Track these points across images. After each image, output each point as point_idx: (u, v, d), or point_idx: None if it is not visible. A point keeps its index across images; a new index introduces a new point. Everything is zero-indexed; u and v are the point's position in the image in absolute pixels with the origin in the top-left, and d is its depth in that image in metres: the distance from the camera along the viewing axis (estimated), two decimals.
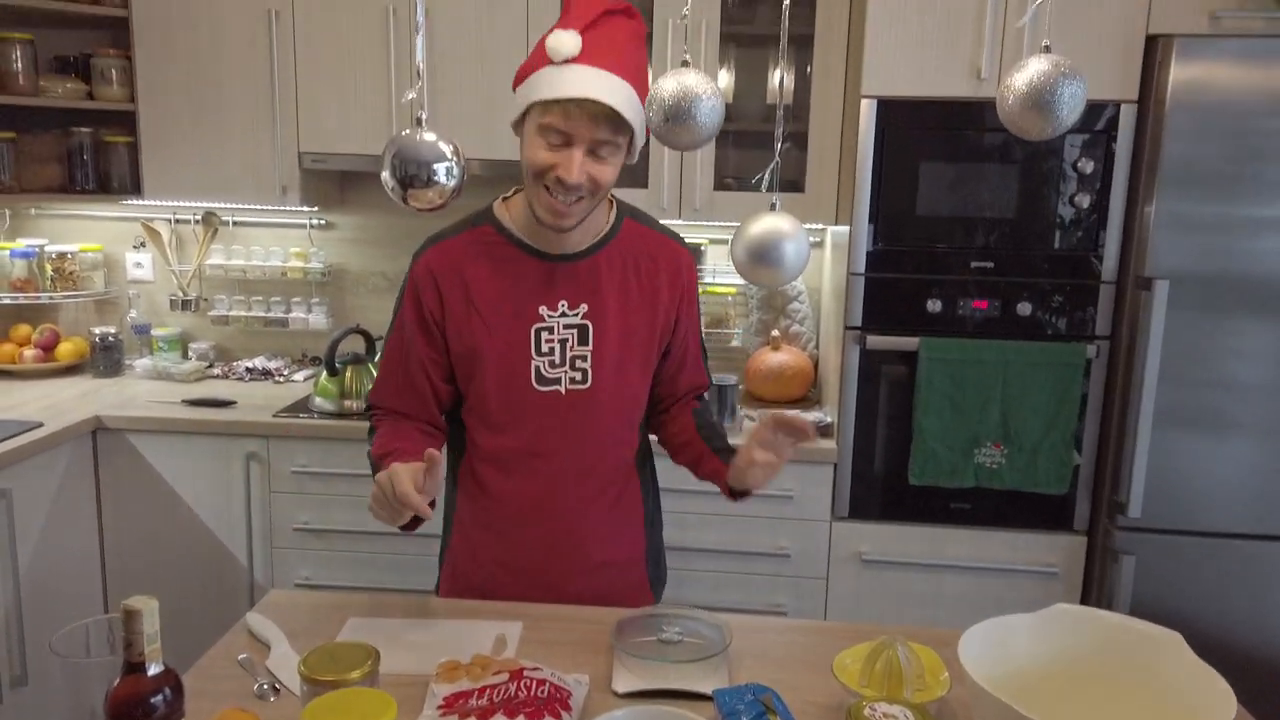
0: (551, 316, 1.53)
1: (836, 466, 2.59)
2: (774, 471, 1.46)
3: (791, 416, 1.42)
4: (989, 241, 2.47)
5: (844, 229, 2.61)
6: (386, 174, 1.44)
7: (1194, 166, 2.34)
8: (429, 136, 1.44)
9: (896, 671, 1.23)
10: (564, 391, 1.54)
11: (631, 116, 1.41)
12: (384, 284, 3.24)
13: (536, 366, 1.53)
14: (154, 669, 0.99)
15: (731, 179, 2.90)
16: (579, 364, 1.54)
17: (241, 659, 1.35)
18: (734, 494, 1.56)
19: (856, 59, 2.56)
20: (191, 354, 3.24)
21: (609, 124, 1.39)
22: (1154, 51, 2.36)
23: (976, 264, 2.48)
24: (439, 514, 1.57)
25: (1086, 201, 2.43)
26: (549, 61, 1.39)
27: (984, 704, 1.03)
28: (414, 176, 1.43)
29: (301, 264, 3.19)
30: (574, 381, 1.54)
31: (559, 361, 1.53)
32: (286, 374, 3.13)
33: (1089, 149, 2.42)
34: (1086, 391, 2.49)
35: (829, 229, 2.96)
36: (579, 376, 1.54)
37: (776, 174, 1.52)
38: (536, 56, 1.42)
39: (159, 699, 0.99)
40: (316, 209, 3.15)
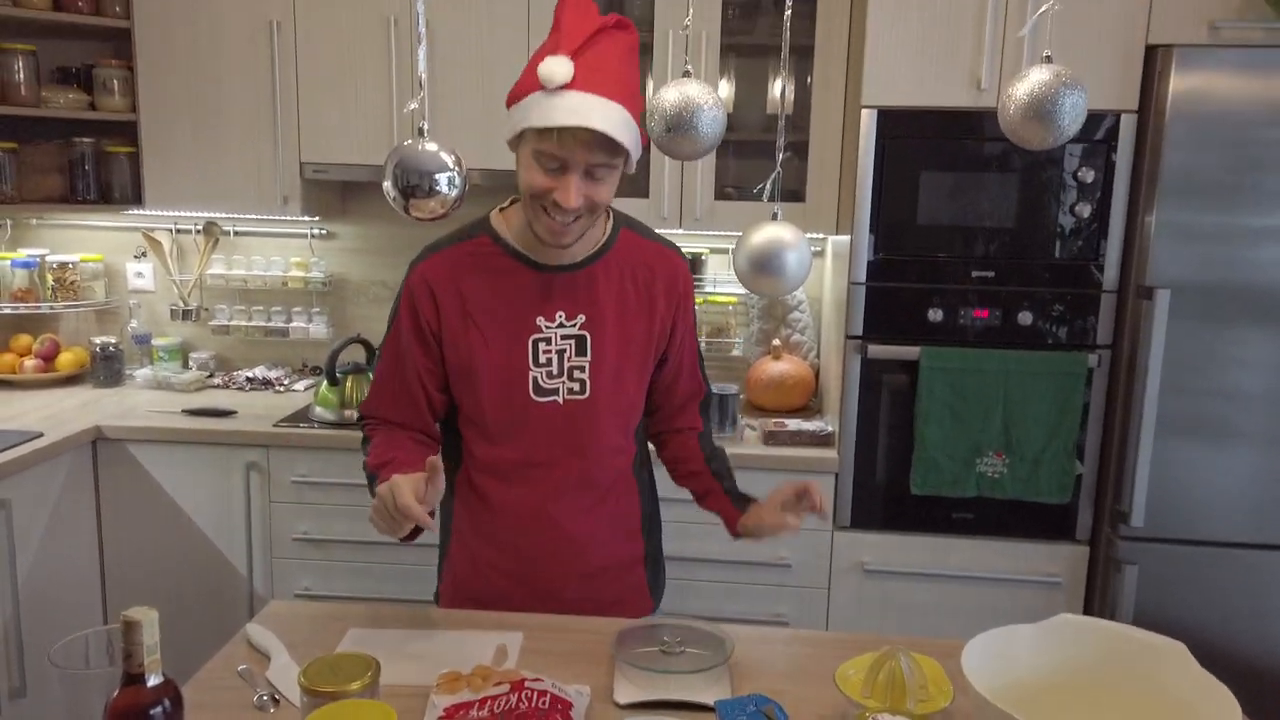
0: (549, 327, 1.52)
1: (838, 476, 2.59)
2: (789, 533, 1.54)
3: (814, 489, 1.50)
4: (990, 251, 2.47)
5: (845, 238, 2.61)
6: (388, 184, 1.44)
7: (1194, 176, 2.35)
8: (431, 146, 1.44)
9: (899, 682, 1.22)
10: (562, 402, 1.54)
11: (626, 139, 1.39)
12: (385, 293, 3.23)
13: (534, 377, 1.52)
14: (153, 680, 0.99)
15: (732, 188, 2.91)
16: (577, 374, 1.54)
17: (241, 670, 1.34)
18: (737, 534, 1.63)
19: (857, 69, 2.57)
20: (192, 364, 3.24)
21: (604, 149, 1.38)
22: (1154, 61, 2.37)
23: (977, 273, 2.48)
24: (437, 523, 1.57)
25: (1087, 211, 2.43)
26: (541, 86, 1.37)
27: (987, 714, 1.02)
28: (416, 186, 1.43)
29: (302, 274, 3.19)
30: (572, 392, 1.54)
31: (557, 372, 1.53)
32: (287, 384, 3.13)
33: (1089, 158, 2.42)
34: (1088, 401, 2.49)
35: (830, 238, 2.96)
36: (577, 387, 1.54)
37: (778, 184, 1.52)
38: (528, 79, 1.40)
39: (158, 710, 0.99)
40: (317, 219, 3.16)
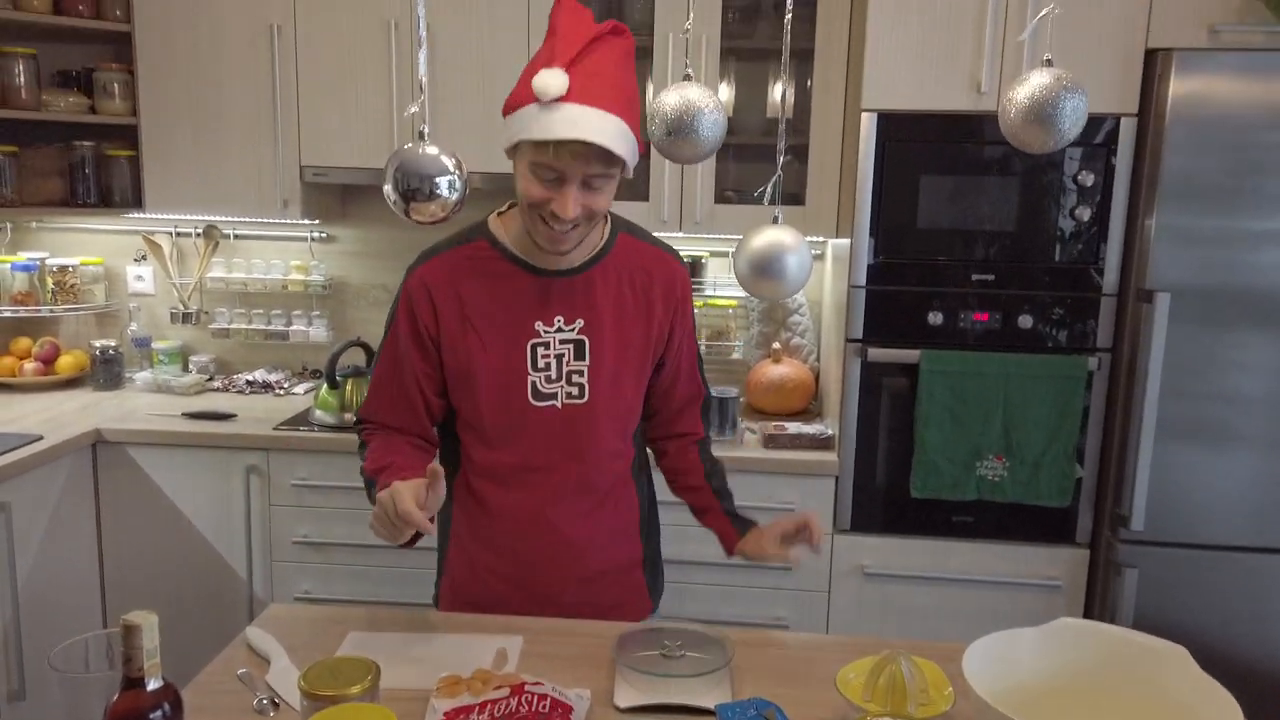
0: (548, 332, 1.52)
1: (838, 479, 2.58)
2: (785, 563, 1.58)
3: (815, 524, 1.54)
4: (989, 254, 2.47)
5: (845, 242, 2.61)
6: (389, 187, 1.44)
7: (1194, 179, 2.35)
8: (431, 150, 1.44)
9: (900, 686, 1.22)
10: (560, 406, 1.54)
11: (623, 149, 1.37)
12: (385, 296, 3.23)
13: (533, 382, 1.53)
14: (153, 684, 0.98)
15: (732, 192, 2.91)
16: (575, 379, 1.54)
17: (241, 674, 1.34)
18: (732, 554, 1.66)
19: (856, 72, 2.57)
20: (192, 367, 3.24)
21: (600, 160, 1.37)
22: (1154, 65, 2.37)
23: (977, 276, 2.48)
24: (435, 528, 1.57)
25: (1087, 214, 2.44)
26: (536, 98, 1.35)
27: (988, 718, 1.02)
28: (416, 190, 1.43)
29: (302, 277, 3.19)
30: (570, 396, 1.54)
31: (555, 377, 1.53)
32: (287, 387, 3.13)
33: (1089, 162, 2.42)
34: (1088, 404, 2.49)
35: (830, 242, 2.96)
36: (575, 391, 1.54)
37: (779, 187, 1.52)
38: (524, 90, 1.38)
39: (158, 715, 0.99)
40: (317, 222, 3.16)
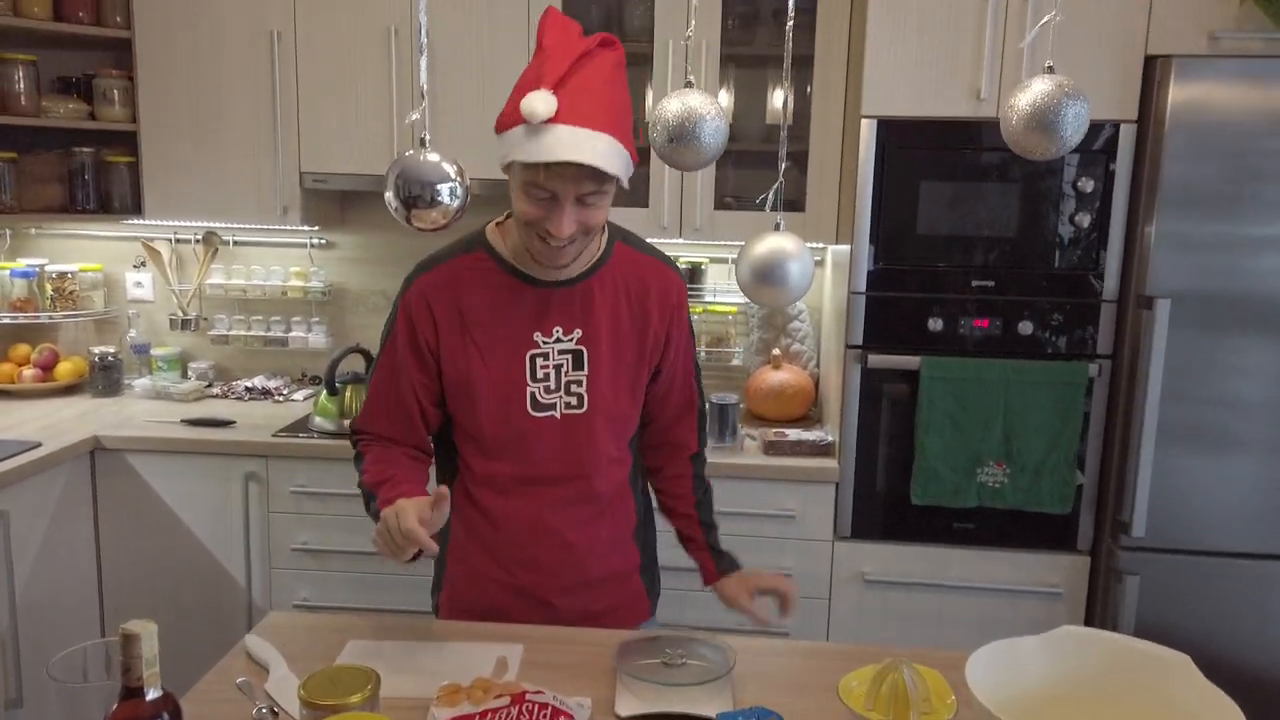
0: (546, 343, 1.52)
1: (838, 486, 2.58)
2: (754, 621, 1.62)
3: (790, 596, 1.62)
4: (989, 260, 2.47)
5: (844, 248, 2.61)
6: (390, 194, 1.44)
7: (1193, 186, 2.35)
8: (433, 157, 1.44)
9: (902, 694, 1.22)
10: (559, 416, 1.53)
11: (615, 166, 1.36)
12: (384, 303, 3.23)
13: (532, 393, 1.52)
14: (152, 694, 0.98)
15: (731, 198, 2.91)
16: (574, 389, 1.54)
17: (240, 682, 1.33)
18: (707, 585, 1.71)
19: (856, 79, 2.57)
20: (191, 373, 3.23)
21: (592, 179, 1.36)
22: (1153, 72, 2.37)
23: (977, 283, 2.48)
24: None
25: (1086, 221, 2.44)
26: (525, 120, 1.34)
27: None
28: (417, 197, 1.43)
29: (302, 283, 3.19)
30: (569, 406, 1.54)
31: (554, 387, 1.53)
32: (286, 393, 3.12)
33: (1088, 168, 2.42)
34: (1089, 410, 2.48)
35: (829, 248, 2.96)
36: (574, 401, 1.54)
37: (780, 194, 1.52)
38: (514, 110, 1.36)
39: None
40: (317, 228, 3.15)
